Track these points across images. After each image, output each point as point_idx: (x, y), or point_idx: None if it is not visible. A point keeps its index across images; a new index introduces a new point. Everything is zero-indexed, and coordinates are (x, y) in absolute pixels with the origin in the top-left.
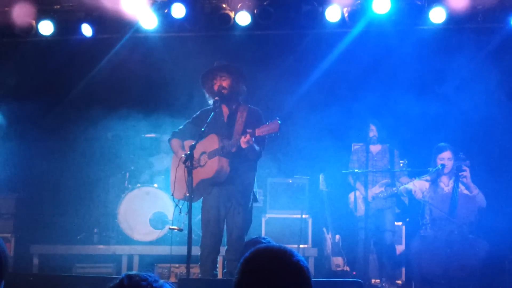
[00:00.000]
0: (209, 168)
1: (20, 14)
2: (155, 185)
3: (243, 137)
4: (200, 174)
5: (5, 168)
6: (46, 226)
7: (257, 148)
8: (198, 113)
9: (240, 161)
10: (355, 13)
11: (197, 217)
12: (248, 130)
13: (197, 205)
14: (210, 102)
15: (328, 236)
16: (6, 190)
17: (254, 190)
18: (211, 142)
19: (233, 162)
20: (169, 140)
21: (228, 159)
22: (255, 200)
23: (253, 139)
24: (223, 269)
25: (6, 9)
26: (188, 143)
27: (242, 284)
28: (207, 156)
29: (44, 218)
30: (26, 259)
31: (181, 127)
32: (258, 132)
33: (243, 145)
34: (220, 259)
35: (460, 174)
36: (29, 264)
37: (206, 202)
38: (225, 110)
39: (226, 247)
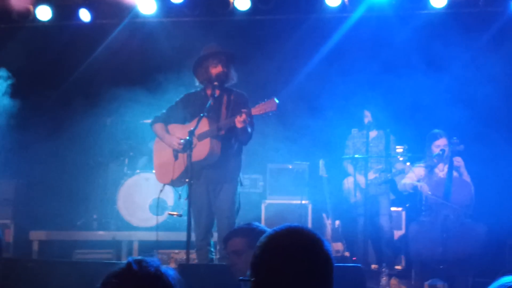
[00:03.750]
0: (200, 150)
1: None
2: (154, 171)
3: (238, 117)
4: (191, 157)
5: (4, 154)
6: (45, 212)
7: (249, 129)
8: (182, 96)
9: (229, 144)
10: None
11: None
12: (244, 110)
13: None
14: (197, 83)
15: (328, 222)
16: (5, 176)
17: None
18: (201, 125)
19: (223, 145)
20: (152, 124)
21: (219, 141)
22: (241, 184)
23: (249, 118)
24: (215, 254)
25: None
26: (173, 127)
27: (260, 260)
28: (197, 138)
29: (44, 204)
30: (26, 245)
31: (164, 111)
32: (254, 111)
33: (239, 125)
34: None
35: (454, 162)
36: (28, 250)
37: (195, 186)
38: (210, 93)
39: (217, 232)
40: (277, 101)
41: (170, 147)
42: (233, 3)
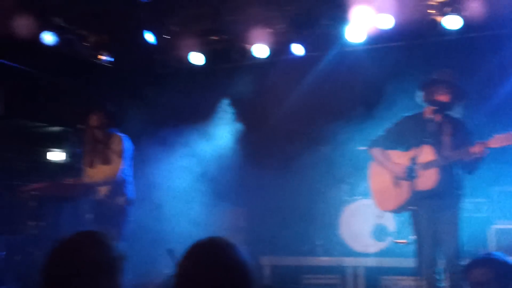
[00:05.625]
0: (426, 179)
1: (238, 40)
2: None
3: (474, 148)
4: (415, 185)
5: (236, 184)
6: (274, 238)
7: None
8: (400, 119)
9: (454, 173)
10: None
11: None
12: (480, 142)
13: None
14: (418, 100)
15: None
16: (238, 204)
17: None
18: (424, 152)
19: (448, 175)
20: (369, 148)
21: (446, 171)
22: None
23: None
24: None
25: (225, 36)
26: (392, 152)
27: None
28: (422, 166)
29: (272, 230)
30: (258, 270)
31: (381, 134)
32: (492, 143)
33: (477, 155)
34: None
35: None
36: (261, 275)
37: (416, 213)
38: (431, 119)
39: (444, 260)
40: None
41: (392, 174)
42: (440, 23)
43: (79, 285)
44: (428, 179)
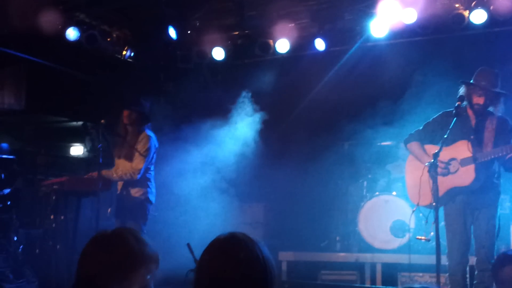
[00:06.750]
0: (464, 175)
1: (261, 34)
2: (394, 193)
3: None
4: (452, 181)
5: (255, 180)
6: (292, 233)
7: None
8: (439, 114)
9: (492, 171)
10: None
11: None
12: None
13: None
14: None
15: None
16: (256, 200)
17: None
18: (462, 149)
19: (486, 172)
20: (407, 142)
21: (483, 167)
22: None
23: None
24: (472, 280)
25: (247, 31)
26: (430, 147)
27: None
28: (459, 163)
29: (290, 226)
30: (275, 266)
31: (420, 128)
32: None
33: None
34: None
35: None
36: (278, 270)
37: (450, 209)
38: (472, 115)
39: (475, 257)
40: None
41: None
42: (468, 17)
43: (110, 279)
44: (465, 176)
